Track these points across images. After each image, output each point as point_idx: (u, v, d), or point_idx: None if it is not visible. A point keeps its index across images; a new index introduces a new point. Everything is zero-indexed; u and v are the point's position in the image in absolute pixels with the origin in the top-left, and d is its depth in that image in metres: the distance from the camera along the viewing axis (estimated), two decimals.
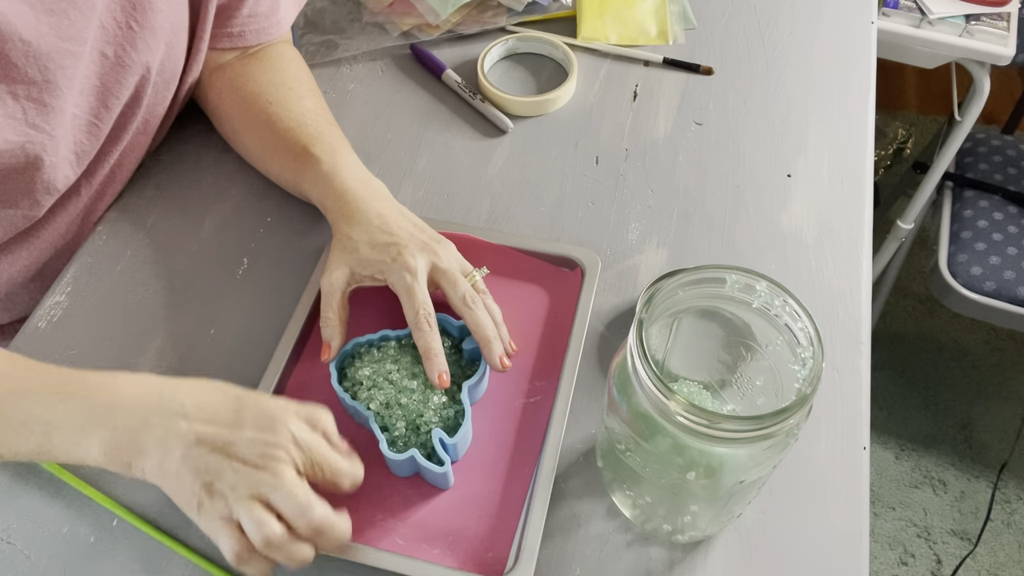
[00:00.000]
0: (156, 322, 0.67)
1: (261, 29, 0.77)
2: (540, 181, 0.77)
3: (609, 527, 0.57)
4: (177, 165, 0.78)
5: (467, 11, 0.90)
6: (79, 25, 0.60)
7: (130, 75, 0.67)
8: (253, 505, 0.48)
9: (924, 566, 1.50)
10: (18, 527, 0.57)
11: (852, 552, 0.56)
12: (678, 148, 0.80)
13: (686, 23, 0.92)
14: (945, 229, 1.37)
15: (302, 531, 0.49)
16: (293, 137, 0.70)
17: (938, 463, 1.62)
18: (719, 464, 0.48)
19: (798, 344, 0.47)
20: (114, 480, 0.59)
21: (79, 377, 0.53)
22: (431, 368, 0.58)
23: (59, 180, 0.67)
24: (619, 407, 0.50)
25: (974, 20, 1.21)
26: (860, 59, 0.88)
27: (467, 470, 0.59)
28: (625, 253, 0.72)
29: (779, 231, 0.73)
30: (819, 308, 0.68)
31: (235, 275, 0.70)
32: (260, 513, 0.48)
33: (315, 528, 0.49)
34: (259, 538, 0.48)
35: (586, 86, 0.86)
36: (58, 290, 0.69)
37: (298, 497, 0.49)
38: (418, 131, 0.82)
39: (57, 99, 0.61)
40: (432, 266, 0.62)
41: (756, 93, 0.85)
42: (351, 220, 0.64)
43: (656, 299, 0.47)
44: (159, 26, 0.67)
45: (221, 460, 0.49)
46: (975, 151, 1.47)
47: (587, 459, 0.60)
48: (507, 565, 0.54)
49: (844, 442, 0.61)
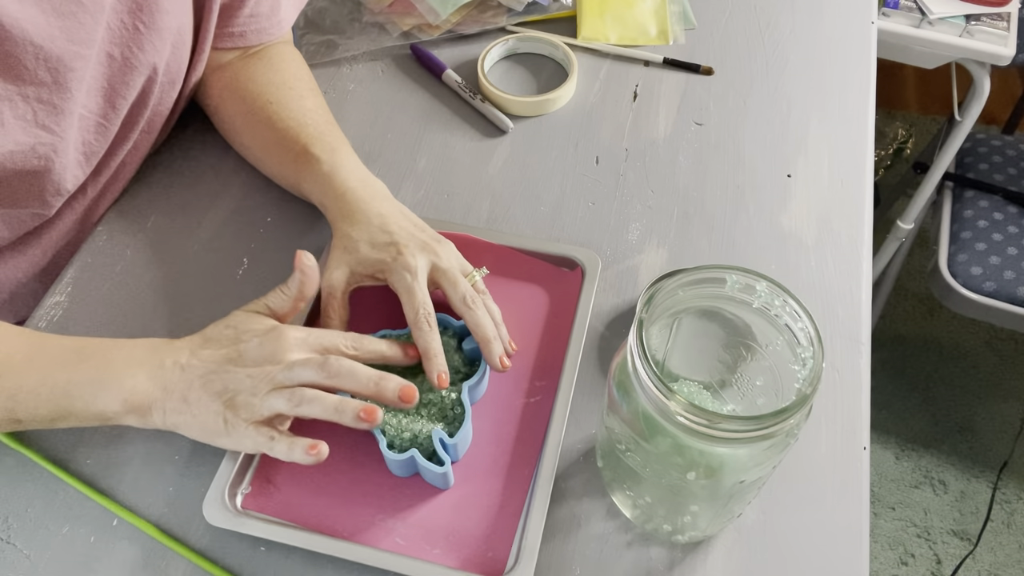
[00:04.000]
0: (156, 322, 0.67)
1: (262, 29, 0.77)
2: (540, 181, 0.77)
3: (609, 527, 0.57)
4: (177, 165, 0.78)
5: (467, 11, 0.90)
6: (88, 27, 0.60)
7: (137, 76, 0.67)
8: (280, 391, 0.52)
9: (924, 566, 1.50)
10: (18, 527, 0.57)
11: (852, 552, 0.56)
12: (678, 148, 0.80)
13: (686, 23, 0.92)
14: (945, 229, 1.38)
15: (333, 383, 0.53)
16: (293, 137, 0.70)
17: (938, 463, 1.62)
18: (719, 464, 0.48)
19: (798, 344, 0.47)
20: (114, 480, 0.59)
21: (96, 341, 0.58)
22: (430, 368, 0.58)
23: (68, 181, 0.67)
24: (619, 407, 0.50)
25: (974, 20, 1.21)
26: (860, 59, 0.88)
27: (467, 470, 0.59)
28: (625, 253, 0.72)
29: (779, 231, 0.73)
30: (819, 308, 0.68)
31: (235, 275, 0.70)
32: (288, 391, 0.52)
33: (345, 375, 0.52)
34: (296, 401, 0.52)
35: (586, 86, 0.86)
36: (58, 290, 0.69)
37: (312, 361, 0.53)
38: (418, 131, 0.82)
39: (66, 101, 0.62)
40: (432, 266, 0.62)
41: (756, 93, 0.85)
42: (351, 220, 0.64)
43: (656, 299, 0.47)
44: (165, 27, 0.67)
45: (236, 371, 0.53)
46: (975, 151, 1.47)
47: (587, 459, 0.60)
48: (507, 565, 0.54)
49: (844, 442, 0.61)
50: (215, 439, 0.54)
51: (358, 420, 0.51)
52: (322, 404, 0.52)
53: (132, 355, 0.56)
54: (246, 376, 0.53)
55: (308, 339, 0.55)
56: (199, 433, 0.54)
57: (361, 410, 0.51)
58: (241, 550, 0.56)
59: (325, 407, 0.52)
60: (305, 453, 0.51)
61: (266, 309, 0.58)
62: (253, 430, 0.52)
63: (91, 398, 0.54)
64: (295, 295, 0.58)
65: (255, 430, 0.52)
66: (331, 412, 0.52)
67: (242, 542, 0.56)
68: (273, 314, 0.58)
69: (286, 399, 0.52)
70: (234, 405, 0.53)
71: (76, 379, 0.55)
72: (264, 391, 0.52)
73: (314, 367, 0.53)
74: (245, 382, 0.53)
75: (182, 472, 0.59)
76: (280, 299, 0.58)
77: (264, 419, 0.53)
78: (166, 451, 0.60)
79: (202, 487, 0.57)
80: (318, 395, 0.52)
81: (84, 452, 0.60)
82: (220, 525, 0.55)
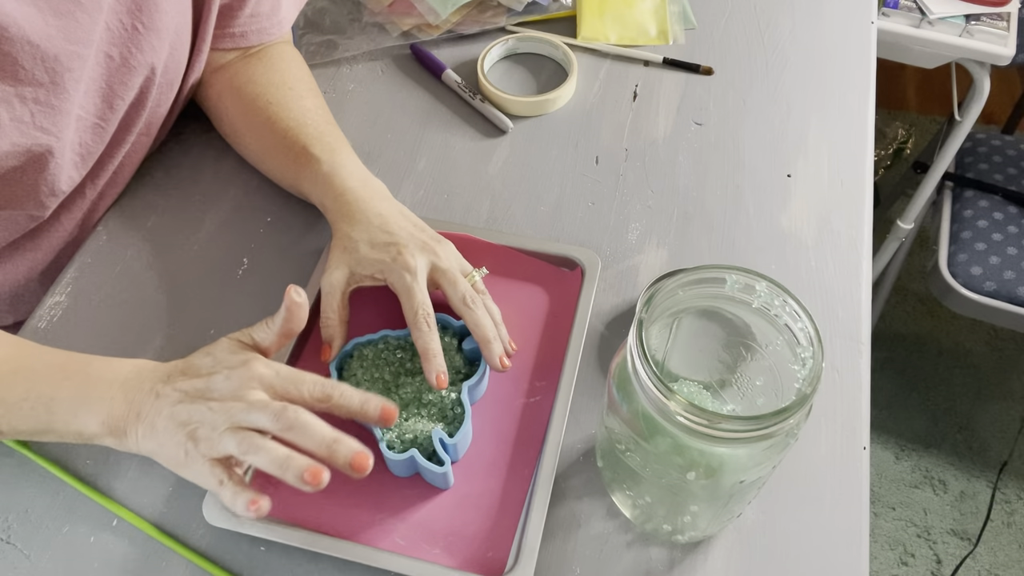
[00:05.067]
0: (156, 322, 0.67)
1: (263, 29, 0.77)
2: (540, 181, 0.77)
3: (609, 527, 0.57)
4: (177, 165, 0.78)
5: (467, 11, 0.90)
6: (86, 27, 0.60)
7: (135, 76, 0.67)
8: (235, 432, 0.49)
9: (924, 566, 1.50)
10: (18, 527, 0.57)
11: (852, 552, 0.56)
12: (678, 148, 0.80)
13: (686, 23, 0.92)
14: (945, 229, 1.37)
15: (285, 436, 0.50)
16: (293, 137, 0.70)
17: (938, 463, 1.62)
18: (719, 464, 0.48)
19: (798, 344, 0.47)
20: (114, 480, 0.59)
21: (82, 358, 0.56)
22: (430, 368, 0.58)
23: (64, 182, 0.67)
24: (619, 407, 0.50)
25: (974, 20, 1.21)
26: (860, 59, 0.88)
27: (467, 470, 0.59)
28: (625, 253, 0.72)
29: (779, 231, 0.73)
30: (819, 308, 0.68)
31: (235, 275, 0.70)
32: (241, 433, 0.49)
33: (298, 429, 0.49)
34: (244, 448, 0.49)
35: (586, 86, 0.86)
36: (58, 290, 0.69)
37: (270, 407, 0.50)
38: (418, 131, 0.82)
39: (64, 101, 0.62)
40: (432, 266, 0.62)
41: (756, 93, 0.85)
42: (351, 220, 0.64)
43: (656, 299, 0.47)
44: (164, 27, 0.67)
45: (200, 406, 0.51)
46: (975, 151, 1.47)
47: (587, 459, 0.60)
48: (507, 565, 0.54)
49: (844, 442, 0.61)
50: (178, 469, 0.52)
51: (301, 481, 0.48)
52: (268, 455, 0.49)
53: (115, 376, 0.54)
54: (207, 409, 0.50)
55: (276, 379, 0.52)
56: (166, 461, 0.52)
57: (306, 471, 0.47)
58: (241, 550, 0.56)
59: (272, 459, 0.48)
60: (245, 508, 0.49)
61: (251, 340, 0.55)
62: (208, 467, 0.50)
63: (71, 416, 0.53)
64: (278, 329, 0.55)
65: (209, 468, 0.50)
66: (276, 466, 0.48)
67: (242, 542, 0.56)
68: (256, 346, 0.55)
69: (236, 443, 0.49)
70: (195, 438, 0.50)
71: (58, 396, 0.53)
72: (222, 428, 0.50)
73: (269, 415, 0.50)
74: (207, 415, 0.50)
75: None
76: (264, 332, 0.55)
77: (220, 456, 0.50)
78: None
79: (202, 487, 0.57)
80: (266, 445, 0.49)
81: (84, 452, 0.60)
82: (220, 525, 0.55)
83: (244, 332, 0.55)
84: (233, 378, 0.51)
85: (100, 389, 0.54)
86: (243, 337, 0.55)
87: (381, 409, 0.52)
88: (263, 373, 0.52)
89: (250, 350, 0.54)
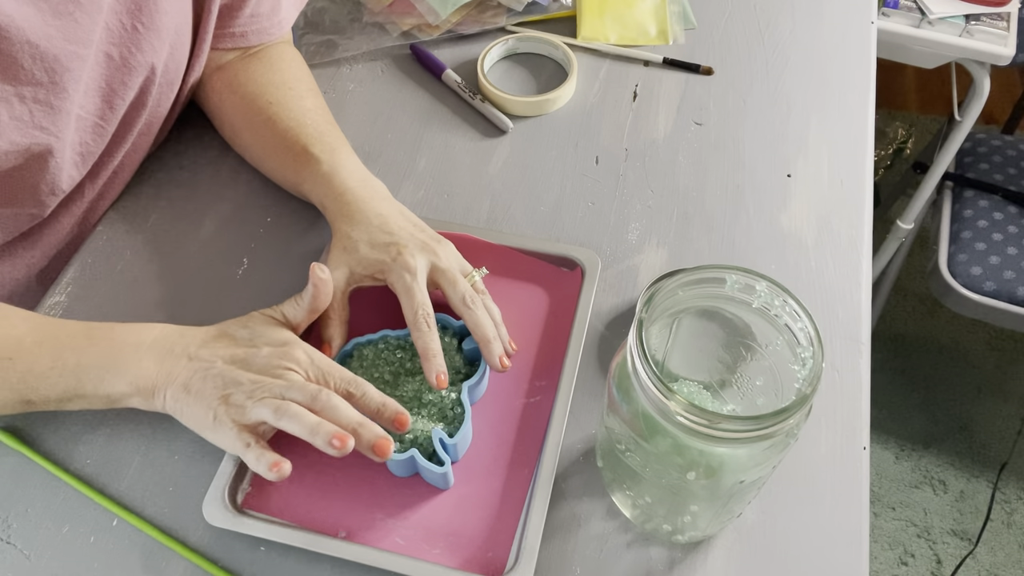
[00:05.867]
0: (156, 322, 0.67)
1: (263, 29, 0.77)
2: (540, 181, 0.77)
3: (609, 527, 0.57)
4: (177, 165, 0.78)
5: (467, 11, 0.90)
6: (85, 27, 0.60)
7: (135, 76, 0.67)
8: (268, 402, 0.53)
9: (924, 566, 1.50)
10: (18, 527, 0.57)
11: (852, 552, 0.56)
12: (678, 148, 0.80)
13: (686, 23, 0.92)
14: (945, 229, 1.38)
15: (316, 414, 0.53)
16: (293, 137, 0.70)
17: (938, 463, 1.62)
18: (719, 464, 0.48)
19: (798, 344, 0.47)
20: (114, 480, 0.59)
21: (104, 326, 0.59)
22: (429, 369, 0.58)
23: (64, 181, 0.67)
24: (619, 407, 0.50)
25: (974, 20, 1.21)
26: (860, 59, 0.88)
27: (467, 470, 0.59)
28: (625, 253, 0.72)
29: (779, 231, 0.73)
30: (819, 308, 0.68)
31: (235, 275, 0.70)
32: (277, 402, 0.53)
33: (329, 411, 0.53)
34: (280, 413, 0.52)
35: (586, 86, 0.86)
36: (58, 290, 0.69)
37: (308, 388, 0.53)
38: (418, 131, 0.82)
39: (63, 101, 0.62)
40: (432, 266, 0.62)
41: (756, 93, 0.85)
42: (351, 220, 0.64)
43: (656, 299, 0.47)
44: (164, 27, 0.67)
45: (240, 373, 0.54)
46: (975, 151, 1.47)
47: (587, 459, 0.60)
48: (507, 565, 0.54)
49: (844, 442, 0.61)
50: (202, 431, 0.55)
51: (329, 445, 0.51)
52: (301, 421, 0.52)
53: (141, 339, 0.57)
54: (248, 379, 0.54)
55: (311, 366, 0.56)
56: (190, 422, 0.55)
57: (335, 436, 0.51)
58: (241, 550, 0.56)
59: (304, 424, 0.52)
60: (268, 468, 0.52)
61: (282, 317, 0.59)
62: (236, 431, 0.53)
63: (99, 380, 0.56)
64: (307, 306, 0.59)
65: (237, 432, 0.53)
66: (307, 430, 0.52)
67: (242, 542, 0.56)
68: (288, 323, 0.59)
69: (272, 409, 0.52)
70: (228, 403, 0.53)
71: (85, 362, 0.56)
72: (258, 397, 0.53)
73: (307, 396, 0.53)
74: (246, 384, 0.54)
75: (182, 472, 0.59)
76: (294, 309, 0.60)
77: (249, 424, 0.54)
78: (166, 451, 0.60)
79: (202, 487, 0.57)
80: (300, 412, 0.52)
81: (84, 452, 0.60)
82: (220, 525, 0.55)
83: (275, 308, 0.60)
84: (275, 357, 0.55)
85: (127, 352, 0.56)
86: (274, 313, 0.59)
87: (396, 416, 0.55)
88: (301, 358, 0.56)
89: (284, 327, 0.59)
